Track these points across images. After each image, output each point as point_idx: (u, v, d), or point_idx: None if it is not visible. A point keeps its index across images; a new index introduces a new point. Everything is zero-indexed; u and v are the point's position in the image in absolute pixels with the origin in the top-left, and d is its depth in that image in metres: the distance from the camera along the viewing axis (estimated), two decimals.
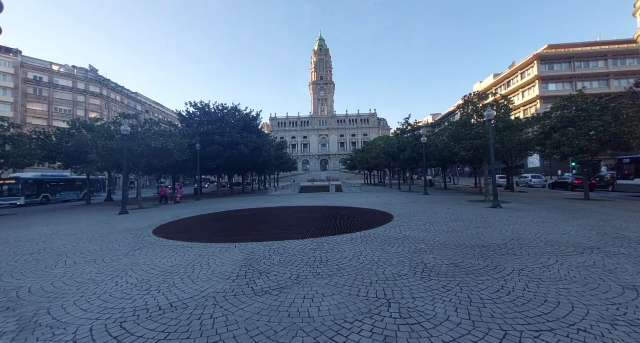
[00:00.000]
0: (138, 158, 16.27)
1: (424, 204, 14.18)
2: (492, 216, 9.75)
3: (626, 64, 58.39)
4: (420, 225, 8.43)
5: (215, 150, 22.07)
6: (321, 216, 10.72)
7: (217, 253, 5.79)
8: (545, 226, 7.81)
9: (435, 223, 8.69)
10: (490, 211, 11.15)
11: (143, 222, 10.72)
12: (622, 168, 19.35)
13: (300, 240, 6.73)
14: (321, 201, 17.60)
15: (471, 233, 7.16)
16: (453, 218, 9.59)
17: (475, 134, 14.41)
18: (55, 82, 64.26)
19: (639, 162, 17.89)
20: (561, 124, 16.46)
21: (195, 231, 8.34)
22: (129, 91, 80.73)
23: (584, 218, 9.20)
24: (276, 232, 7.84)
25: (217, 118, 24.21)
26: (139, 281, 4.34)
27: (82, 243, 7.29)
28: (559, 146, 15.94)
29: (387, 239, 6.66)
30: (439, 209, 11.79)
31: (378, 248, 5.83)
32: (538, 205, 13.03)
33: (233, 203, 17.96)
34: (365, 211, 11.93)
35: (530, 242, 6.15)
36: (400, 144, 24.82)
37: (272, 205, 15.91)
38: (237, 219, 10.77)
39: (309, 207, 14.16)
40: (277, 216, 11.31)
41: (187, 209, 15.41)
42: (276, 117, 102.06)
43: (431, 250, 5.69)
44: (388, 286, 3.91)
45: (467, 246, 5.88)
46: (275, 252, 5.73)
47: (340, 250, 5.77)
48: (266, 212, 12.72)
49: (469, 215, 10.24)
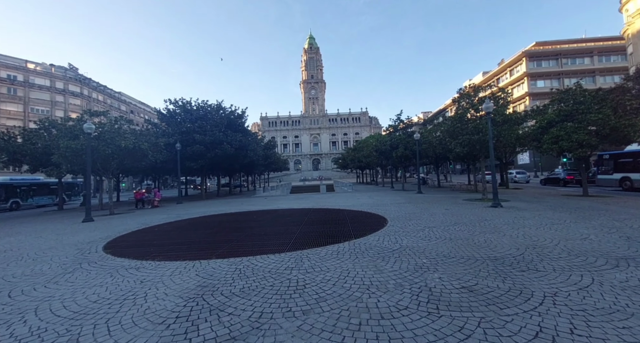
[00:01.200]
0: (107, 160, 14.74)
1: (420, 204, 13.20)
2: (495, 218, 8.80)
3: (611, 61, 59.34)
4: (418, 230, 7.38)
5: (197, 150, 20.61)
6: (307, 221, 9.56)
7: (167, 277, 4.56)
8: (559, 230, 6.88)
9: (434, 228, 7.65)
10: (491, 211, 10.23)
11: (101, 233, 9.33)
12: (602, 163, 19.80)
13: (276, 255, 5.56)
14: (310, 203, 16.45)
15: (478, 240, 6.14)
16: (453, 221, 8.59)
17: (472, 129, 13.50)
18: (31, 81, 61.05)
19: (617, 158, 18.53)
20: (559, 118, 15.78)
21: (155, 244, 7.05)
22: (112, 91, 77.61)
23: (594, 218, 8.35)
24: (250, 244, 6.64)
25: (199, 116, 22.70)
26: (26, 333, 3.07)
27: (6, 264, 5.92)
28: (557, 141, 15.25)
29: (381, 251, 5.56)
30: (436, 211, 10.80)
31: (370, 265, 4.72)
32: (539, 203, 12.24)
33: (215, 207, 16.62)
34: (356, 214, 10.84)
35: (550, 252, 5.16)
36: (393, 142, 23.90)
37: (256, 209, 14.66)
38: (212, 226, 9.51)
39: (295, 210, 12.98)
40: (258, 221, 10.09)
41: (162, 214, 14.01)
42: (267, 117, 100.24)
43: (435, 266, 4.62)
44: (384, 331, 2.79)
45: (478, 260, 4.84)
46: (240, 275, 4.54)
47: (323, 270, 4.63)
48: (247, 217, 11.48)
49: (470, 216, 9.28)
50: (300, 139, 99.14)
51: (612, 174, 18.54)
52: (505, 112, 14.31)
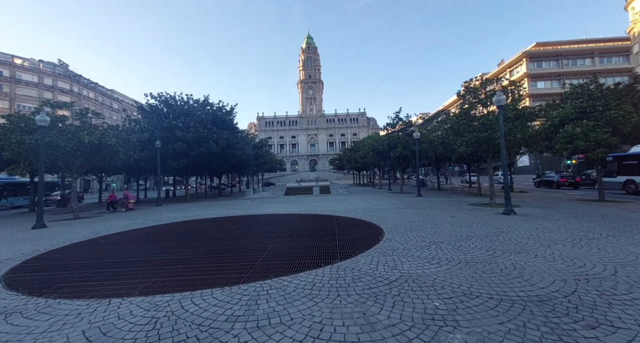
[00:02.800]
0: (69, 157, 13.04)
1: (421, 210, 11.63)
2: (514, 229, 7.25)
3: (612, 62, 58.55)
4: (422, 247, 5.79)
5: (179, 148, 18.89)
6: (287, 232, 7.94)
7: (30, 340, 2.90)
8: (601, 248, 5.33)
9: (443, 243, 6.07)
10: (506, 220, 8.69)
11: (34, 245, 7.63)
12: (605, 166, 18.90)
13: (224, 291, 3.93)
14: (299, 207, 14.83)
15: (504, 265, 4.56)
16: (464, 233, 7.02)
17: (480, 126, 11.97)
18: (18, 77, 59.08)
19: (621, 160, 17.83)
20: (574, 115, 14.34)
21: (77, 266, 5.38)
22: (104, 88, 75.61)
23: (634, 230, 6.83)
24: (202, 267, 5.02)
25: (183, 111, 20.99)
26: None
27: None
28: (571, 141, 13.80)
29: (374, 284, 3.96)
30: (441, 219, 9.23)
31: (355, 315, 3.12)
32: (555, 210, 10.76)
33: (193, 211, 14.94)
34: (347, 222, 9.25)
35: (612, 287, 3.60)
36: (391, 141, 22.35)
37: (237, 213, 13.00)
38: (171, 238, 7.86)
39: (278, 217, 11.36)
40: (230, 232, 8.45)
41: (128, 220, 12.32)
42: (264, 117, 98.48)
43: (453, 314, 3.03)
44: None
45: (515, 303, 3.26)
46: (149, 337, 2.90)
47: (282, 322, 3.01)
48: (220, 225, 9.83)
49: (483, 227, 7.72)
50: (298, 140, 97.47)
51: (615, 177, 17.86)
52: (518, 107, 12.81)
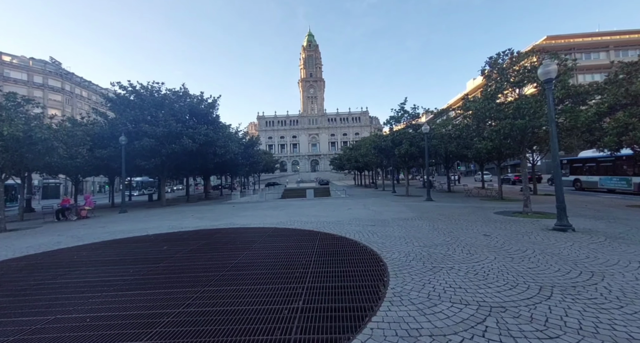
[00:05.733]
0: None
1: (438, 223, 8.60)
2: (596, 264, 4.27)
3: (629, 55, 54.91)
4: (471, 330, 2.87)
5: (147, 144, 16.11)
6: (232, 268, 5.05)
7: None
8: None
9: (503, 309, 3.12)
10: (573, 244, 5.70)
11: None
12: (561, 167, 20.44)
13: None
14: (281, 216, 11.91)
15: None
16: (526, 275, 4.01)
17: (515, 112, 8.95)
18: (6, 74, 57.14)
19: (572, 162, 21.60)
20: (627, 100, 11.34)
21: None
22: (98, 87, 73.49)
23: None
24: None
25: (155, 102, 18.22)
26: None
27: None
28: (625, 132, 10.82)
29: None
30: (473, 241, 6.24)
31: None
32: (616, 222, 7.89)
33: (150, 222, 12.09)
34: (332, 247, 6.32)
35: None
36: (395, 137, 19.39)
37: (194, 227, 9.98)
38: (51, 276, 5.04)
39: (245, 232, 8.46)
40: (143, 266, 5.60)
41: (58, 236, 9.54)
42: (264, 116, 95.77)
43: None
44: None
45: None
46: None
47: None
48: (145, 251, 6.97)
49: (550, 260, 4.71)
50: (298, 140, 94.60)
51: (568, 176, 21.24)
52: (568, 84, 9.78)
